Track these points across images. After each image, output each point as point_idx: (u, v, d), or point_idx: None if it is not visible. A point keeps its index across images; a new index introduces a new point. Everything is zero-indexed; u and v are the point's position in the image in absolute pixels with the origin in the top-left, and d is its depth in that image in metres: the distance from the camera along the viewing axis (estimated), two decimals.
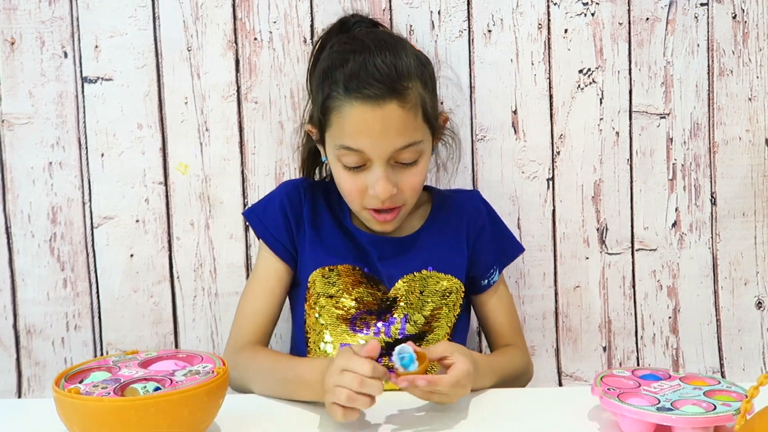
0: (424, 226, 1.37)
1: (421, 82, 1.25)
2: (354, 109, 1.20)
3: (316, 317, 1.32)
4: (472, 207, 1.40)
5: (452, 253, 1.35)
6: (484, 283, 1.38)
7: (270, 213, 1.37)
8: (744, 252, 1.59)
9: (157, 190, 1.55)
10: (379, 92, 1.19)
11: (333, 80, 1.23)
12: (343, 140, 1.22)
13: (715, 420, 0.97)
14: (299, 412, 1.15)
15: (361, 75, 1.20)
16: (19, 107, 1.52)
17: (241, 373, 1.27)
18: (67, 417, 0.97)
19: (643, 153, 1.56)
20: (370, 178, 1.23)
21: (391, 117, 1.19)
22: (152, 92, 1.53)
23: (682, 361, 1.60)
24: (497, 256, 1.40)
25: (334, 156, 1.25)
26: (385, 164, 1.22)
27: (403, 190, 1.26)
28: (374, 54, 1.22)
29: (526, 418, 1.12)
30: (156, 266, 1.56)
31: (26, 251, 1.55)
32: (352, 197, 1.28)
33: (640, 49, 1.54)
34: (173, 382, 1.00)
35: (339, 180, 1.28)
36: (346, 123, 1.21)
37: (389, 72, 1.20)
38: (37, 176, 1.54)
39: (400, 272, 1.33)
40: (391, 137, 1.20)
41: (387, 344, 1.29)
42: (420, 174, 1.27)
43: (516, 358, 1.37)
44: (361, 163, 1.23)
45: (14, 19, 1.51)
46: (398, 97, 1.20)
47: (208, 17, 1.52)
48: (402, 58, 1.24)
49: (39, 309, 1.56)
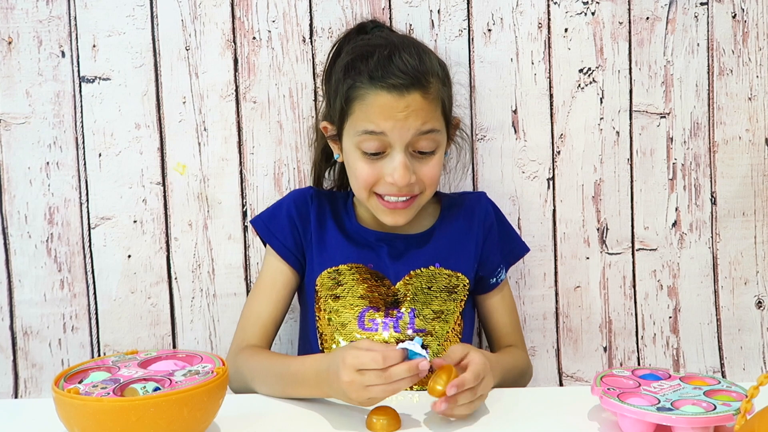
0: (434, 225, 1.40)
1: (441, 82, 1.30)
2: (379, 96, 1.23)
3: (327, 319, 1.34)
4: (481, 207, 1.42)
5: (461, 252, 1.37)
6: (492, 282, 1.40)
7: (277, 220, 1.40)
8: (744, 251, 1.59)
9: (155, 190, 1.54)
10: (404, 83, 1.23)
11: (357, 71, 1.27)
12: (366, 125, 1.25)
13: (715, 420, 0.97)
14: (299, 412, 1.15)
15: (386, 66, 1.24)
16: (16, 107, 1.51)
17: (243, 375, 1.28)
18: (66, 417, 0.97)
19: (644, 153, 1.56)
20: (388, 166, 1.26)
21: (414, 104, 1.23)
22: (150, 92, 1.53)
23: (682, 361, 1.60)
24: (504, 256, 1.43)
25: (354, 144, 1.28)
26: (405, 151, 1.25)
27: (422, 180, 1.28)
28: (400, 49, 1.27)
29: (526, 418, 1.12)
30: (154, 267, 1.56)
31: (23, 252, 1.54)
32: (366, 184, 1.29)
33: (640, 49, 1.54)
34: (173, 383, 1.00)
35: (355, 169, 1.30)
36: (370, 108, 1.24)
37: (415, 66, 1.25)
38: (34, 176, 1.53)
39: (407, 268, 1.35)
40: (413, 121, 1.23)
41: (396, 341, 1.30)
42: (437, 166, 1.29)
43: (519, 359, 1.39)
44: (381, 149, 1.26)
45: (11, 18, 1.50)
46: (421, 89, 1.24)
47: (206, 16, 1.52)
48: (426, 57, 1.29)
49: (36, 310, 1.55)
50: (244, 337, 1.36)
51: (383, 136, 1.24)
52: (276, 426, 1.10)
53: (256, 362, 1.28)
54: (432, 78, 1.26)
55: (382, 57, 1.26)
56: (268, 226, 1.40)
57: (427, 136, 1.25)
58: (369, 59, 1.26)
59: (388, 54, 1.26)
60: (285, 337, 1.58)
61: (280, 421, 1.12)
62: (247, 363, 1.29)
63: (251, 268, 1.56)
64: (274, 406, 1.18)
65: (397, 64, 1.24)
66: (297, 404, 1.18)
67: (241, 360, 1.30)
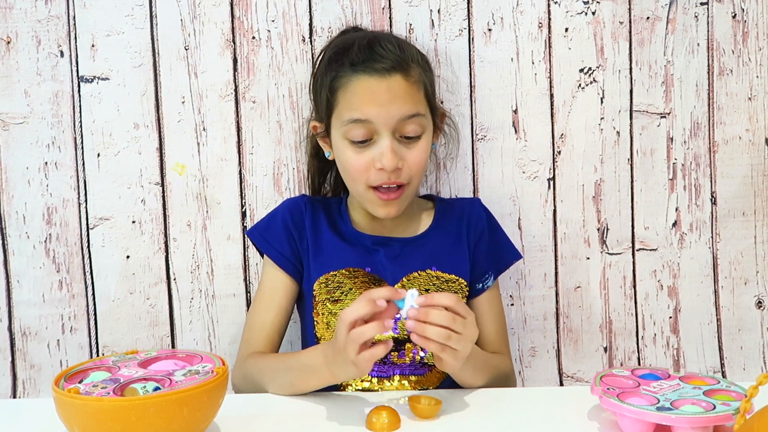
0: (429, 229, 1.40)
1: (422, 69, 1.32)
2: (361, 82, 1.26)
3: (326, 323, 1.34)
4: (473, 212, 1.42)
5: (456, 255, 1.37)
6: (479, 287, 1.40)
7: (273, 229, 1.40)
8: (744, 251, 1.59)
9: (154, 190, 1.54)
10: (385, 66, 1.26)
11: (339, 63, 1.30)
12: (351, 113, 1.27)
13: (715, 419, 0.97)
14: (299, 412, 1.15)
15: (367, 53, 1.28)
16: (14, 107, 1.51)
17: (253, 377, 1.29)
18: (66, 417, 0.97)
19: (644, 152, 1.56)
20: (376, 152, 1.27)
21: (396, 87, 1.26)
22: (149, 92, 1.52)
23: (683, 361, 1.60)
24: (493, 262, 1.42)
25: (341, 135, 1.29)
26: (391, 136, 1.27)
27: (409, 167, 1.29)
28: (379, 38, 1.33)
29: (526, 417, 1.12)
30: (153, 268, 1.55)
31: (21, 252, 1.54)
32: (357, 175, 1.30)
33: (640, 48, 1.54)
34: (173, 382, 1.00)
35: (345, 161, 1.31)
36: (353, 96, 1.27)
37: (395, 51, 1.28)
38: (32, 176, 1.52)
39: (404, 271, 1.35)
40: (397, 105, 1.26)
41: (396, 341, 1.31)
42: (423, 152, 1.30)
43: (502, 364, 1.38)
44: (368, 136, 1.27)
45: (10, 17, 1.50)
46: (403, 72, 1.27)
47: (205, 16, 1.52)
48: (406, 45, 1.33)
49: (34, 311, 1.55)
50: (249, 347, 1.37)
51: (369, 123, 1.26)
52: (276, 426, 1.10)
53: (265, 363, 1.29)
54: (412, 63, 1.29)
55: (362, 46, 1.29)
56: (265, 237, 1.40)
57: (412, 120, 1.27)
58: (350, 50, 1.30)
59: (367, 43, 1.30)
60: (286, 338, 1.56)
61: (280, 421, 1.12)
62: (256, 365, 1.30)
63: (250, 269, 1.56)
64: (274, 406, 1.18)
65: (377, 50, 1.28)
66: (297, 404, 1.18)
67: (250, 364, 1.31)
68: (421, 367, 1.33)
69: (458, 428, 1.08)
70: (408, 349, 1.32)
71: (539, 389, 1.31)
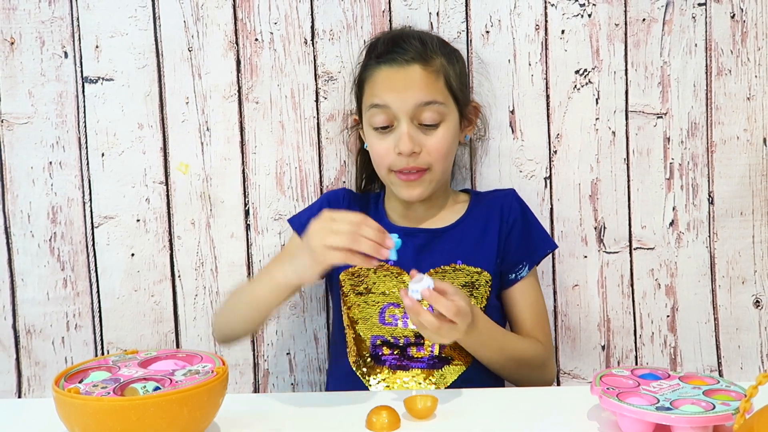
0: (459, 220, 1.43)
1: (446, 58, 1.38)
2: (381, 72, 1.35)
3: (349, 314, 1.38)
4: (507, 203, 1.44)
5: (482, 247, 1.39)
6: (511, 278, 1.41)
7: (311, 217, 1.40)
8: (742, 251, 1.59)
9: (158, 189, 1.56)
10: (404, 57, 1.34)
11: (368, 58, 1.41)
12: (372, 99, 1.35)
13: (714, 419, 0.96)
14: (299, 412, 1.15)
15: (389, 46, 1.37)
16: (18, 107, 1.53)
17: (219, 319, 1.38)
18: (66, 417, 0.97)
19: (640, 152, 1.57)
20: (395, 137, 1.33)
21: (414, 75, 1.33)
22: (153, 92, 1.54)
23: (680, 360, 1.60)
24: (527, 253, 1.43)
25: (367, 122, 1.38)
26: (409, 122, 1.32)
27: (428, 152, 1.34)
28: (405, 33, 1.41)
29: (526, 417, 1.12)
30: (157, 265, 1.57)
31: (26, 251, 1.56)
32: (380, 159, 1.36)
33: (636, 50, 1.54)
34: (173, 382, 1.00)
35: (371, 146, 1.39)
36: (375, 85, 1.36)
37: (416, 44, 1.35)
38: (36, 176, 1.54)
39: (429, 265, 1.37)
40: (413, 92, 1.32)
41: (416, 335, 1.34)
42: (443, 138, 1.35)
43: (529, 345, 1.38)
44: (388, 122, 1.34)
45: (14, 18, 1.51)
46: (422, 62, 1.34)
47: (208, 18, 1.53)
48: (429, 37, 1.39)
49: (39, 309, 1.57)
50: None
51: (387, 108, 1.33)
52: (276, 426, 1.10)
53: (227, 298, 1.39)
54: (433, 54, 1.35)
55: (387, 40, 1.39)
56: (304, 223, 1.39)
57: (429, 107, 1.32)
58: (377, 46, 1.40)
59: (391, 38, 1.39)
60: (287, 333, 1.59)
61: (280, 421, 1.12)
62: (220, 306, 1.39)
63: (253, 266, 1.58)
64: (274, 406, 1.18)
65: (399, 44, 1.36)
66: (297, 404, 1.18)
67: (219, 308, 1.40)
68: (439, 362, 1.34)
69: (458, 428, 1.08)
70: (427, 345, 1.34)
71: (539, 389, 1.30)
